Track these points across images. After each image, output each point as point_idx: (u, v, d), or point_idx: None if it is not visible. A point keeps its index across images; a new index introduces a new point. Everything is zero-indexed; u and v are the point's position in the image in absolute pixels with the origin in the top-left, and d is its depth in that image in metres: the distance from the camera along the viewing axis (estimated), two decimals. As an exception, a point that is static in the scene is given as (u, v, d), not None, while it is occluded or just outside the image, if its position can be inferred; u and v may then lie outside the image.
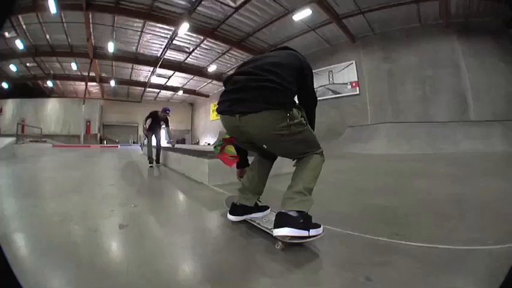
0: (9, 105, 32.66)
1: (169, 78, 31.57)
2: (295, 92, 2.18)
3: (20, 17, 18.47)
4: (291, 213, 1.85)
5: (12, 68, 27.32)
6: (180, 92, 35.81)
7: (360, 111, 16.20)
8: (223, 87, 2.27)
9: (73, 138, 32.99)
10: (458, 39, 13.32)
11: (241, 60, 22.90)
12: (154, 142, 8.91)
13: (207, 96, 38.12)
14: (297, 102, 2.14)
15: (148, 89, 34.57)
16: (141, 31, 20.78)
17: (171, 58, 25.72)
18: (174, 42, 21.79)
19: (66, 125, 33.91)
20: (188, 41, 21.92)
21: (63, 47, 23.96)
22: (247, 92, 1.98)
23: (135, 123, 39.31)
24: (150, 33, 21.14)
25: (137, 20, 19.36)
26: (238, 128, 2.08)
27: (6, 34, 20.81)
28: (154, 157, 8.77)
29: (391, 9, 13.89)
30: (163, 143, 9.42)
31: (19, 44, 21.70)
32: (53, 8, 15.81)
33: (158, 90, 36.17)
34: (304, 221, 1.85)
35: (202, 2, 16.07)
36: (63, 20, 19.60)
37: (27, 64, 27.35)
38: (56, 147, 22.40)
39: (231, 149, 2.63)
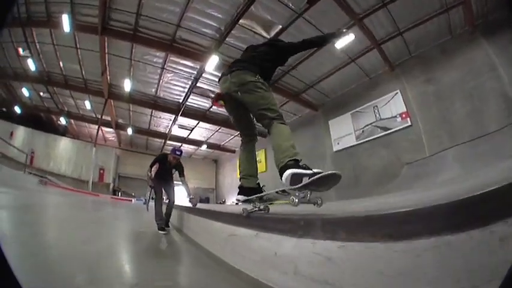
0: (21, 131, 30.40)
1: (192, 131, 28.94)
2: (270, 66, 3.32)
3: (34, 33, 17.99)
4: (289, 163, 2.50)
5: (25, 92, 26.57)
6: (204, 147, 33.26)
7: (415, 144, 15.07)
8: None
9: (81, 183, 29.61)
10: (487, 40, 12.72)
11: None
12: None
13: (232, 151, 34.67)
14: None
15: (168, 142, 31.32)
16: (162, 67, 18.56)
17: (195, 105, 23.50)
18: (199, 84, 19.67)
19: (77, 168, 31.36)
20: (214, 84, 19.09)
21: (76, 81, 22.55)
22: (237, 63, 3.22)
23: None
24: (171, 71, 18.96)
25: (157, 54, 17.42)
26: (228, 82, 3.04)
27: (21, 51, 19.99)
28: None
29: (425, 25, 13.45)
30: (178, 197, 7.76)
31: (31, 65, 20.82)
32: (66, 26, 15.08)
33: (180, 144, 32.30)
34: (302, 166, 2.46)
35: (232, 32, 14.52)
36: (77, 46, 18.13)
37: (41, 94, 26.68)
38: (50, 185, 20.86)
39: (222, 102, 3.29)
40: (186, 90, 21.11)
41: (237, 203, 4.03)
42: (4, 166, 13.90)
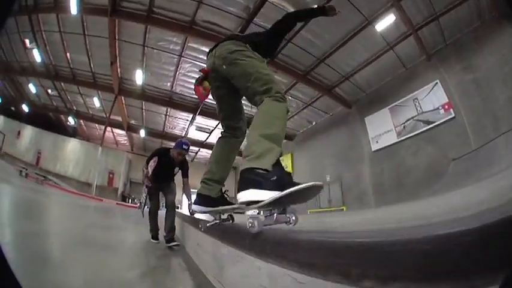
0: (28, 131, 30.94)
1: (210, 133, 26.83)
2: (262, 41, 2.70)
3: (40, 21, 17.53)
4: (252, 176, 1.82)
5: (32, 88, 26.10)
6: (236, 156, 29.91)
7: (460, 136, 14.33)
8: None
9: (88, 186, 28.50)
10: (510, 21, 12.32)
11: (304, 104, 20.42)
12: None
13: None
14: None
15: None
16: (180, 55, 16.99)
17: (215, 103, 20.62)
18: None
19: (85, 170, 30.54)
20: None
21: (85, 75, 21.58)
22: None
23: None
24: (190, 60, 17.44)
25: (174, 40, 15.97)
26: (212, 57, 2.51)
27: (28, 43, 19.68)
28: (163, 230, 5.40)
29: (456, 10, 13.06)
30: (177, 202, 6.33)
31: (37, 56, 20.32)
32: (74, 8, 14.55)
33: (197, 149, 31.43)
34: (277, 179, 1.73)
35: (262, 10, 13.19)
36: (86, 32, 17.17)
37: (49, 91, 26.17)
38: (48, 185, 20.39)
39: (207, 83, 2.74)
40: None
41: (191, 214, 3.72)
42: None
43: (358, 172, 17.82)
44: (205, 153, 32.42)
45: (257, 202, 1.65)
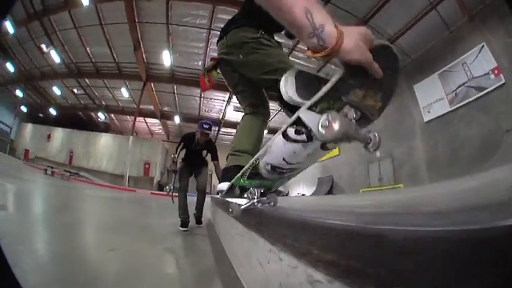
0: (58, 133, 32.91)
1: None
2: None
3: (53, 23, 17.48)
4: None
5: (56, 90, 26.47)
6: (264, 133, 28.36)
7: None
8: None
9: (120, 178, 28.85)
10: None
11: None
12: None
13: None
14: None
15: (223, 130, 29.21)
16: (208, 29, 15.86)
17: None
18: None
19: (120, 163, 30.41)
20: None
21: (109, 67, 21.16)
22: (234, 21, 2.40)
23: (208, 171, 34.80)
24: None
25: (200, 13, 14.87)
26: (224, 46, 2.34)
27: (44, 48, 19.52)
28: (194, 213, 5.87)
29: None
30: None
31: (55, 57, 20.27)
32: None
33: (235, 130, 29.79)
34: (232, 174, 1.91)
35: None
36: (102, 21, 16.58)
37: (75, 90, 26.30)
38: (75, 180, 21.53)
39: (215, 74, 2.72)
40: None
41: (218, 194, 2.81)
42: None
43: (410, 146, 16.57)
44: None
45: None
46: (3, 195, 5.52)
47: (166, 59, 18.10)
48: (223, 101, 23.79)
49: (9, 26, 17.45)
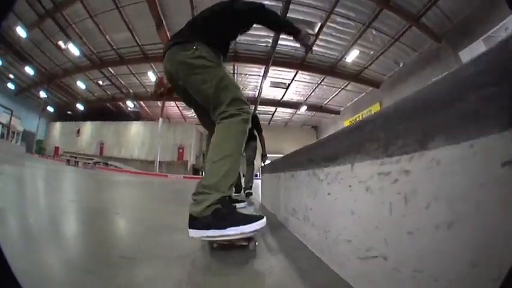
0: (88, 127, 35.36)
1: (288, 87, 24.78)
2: (221, 31, 2.34)
3: (66, 17, 17.29)
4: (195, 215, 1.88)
5: (81, 85, 26.63)
6: (303, 109, 29.02)
7: None
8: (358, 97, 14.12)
9: (151, 164, 29.53)
10: None
11: (390, 39, 17.30)
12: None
13: (337, 112, 30.00)
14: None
15: (259, 108, 28.23)
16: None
17: (288, 48, 19.05)
18: (290, 14, 15.23)
19: (152, 149, 31.00)
20: (313, 7, 15.36)
21: (132, 52, 20.64)
22: (176, 36, 2.37)
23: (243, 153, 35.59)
24: None
25: None
26: (165, 67, 2.26)
27: (61, 44, 19.61)
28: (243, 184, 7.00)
29: None
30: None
31: (75, 50, 20.15)
32: None
33: (273, 109, 30.08)
34: (215, 220, 1.84)
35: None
36: (118, 4, 16.01)
37: (100, 82, 26.31)
38: (100, 168, 22.44)
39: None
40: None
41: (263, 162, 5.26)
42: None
43: None
44: (283, 112, 31.26)
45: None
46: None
47: (192, 33, 16.85)
48: (259, 76, 22.53)
49: (20, 31, 17.50)
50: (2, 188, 4.19)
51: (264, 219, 1.91)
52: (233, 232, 1.81)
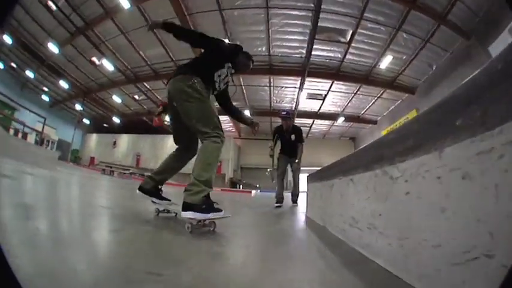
0: (124, 139, 36.71)
1: (324, 98, 23.98)
2: (210, 71, 3.12)
3: (97, 33, 17.69)
4: (193, 202, 2.67)
5: (116, 99, 27.00)
6: (340, 120, 28.28)
7: None
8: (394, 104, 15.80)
9: (187, 176, 28.63)
10: None
11: (421, 41, 16.71)
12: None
13: (374, 122, 29.01)
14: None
15: (297, 121, 25.51)
16: (266, 7, 14.70)
17: (323, 57, 18.47)
18: (321, 24, 15.13)
19: (189, 163, 30.36)
20: (342, 14, 15.10)
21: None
22: (180, 67, 3.22)
23: None
24: (280, 12, 15.09)
25: None
26: (167, 92, 3.03)
27: (96, 60, 20.28)
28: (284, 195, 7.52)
29: None
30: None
31: (108, 65, 20.37)
32: (125, 2, 14.48)
33: (311, 121, 29.42)
34: (205, 207, 2.67)
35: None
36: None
37: (136, 97, 26.71)
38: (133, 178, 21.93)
39: (163, 116, 3.80)
40: (306, 37, 16.70)
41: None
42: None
43: None
44: (320, 124, 30.67)
45: (193, 218, 2.61)
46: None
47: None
48: (295, 88, 21.96)
49: (53, 47, 18.12)
50: (22, 187, 4.13)
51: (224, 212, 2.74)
52: (211, 216, 2.63)
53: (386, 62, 18.23)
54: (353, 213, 2.38)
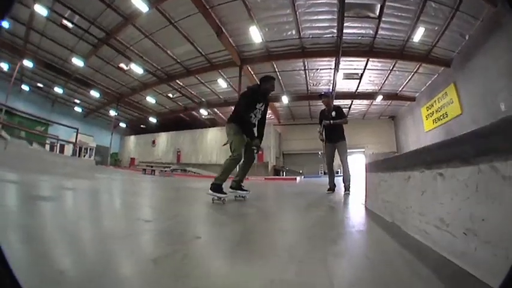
0: (163, 137, 37.84)
1: (361, 77, 22.98)
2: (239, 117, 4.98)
3: (121, 40, 17.88)
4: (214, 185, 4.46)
5: (151, 99, 28.27)
6: (379, 98, 27.14)
7: None
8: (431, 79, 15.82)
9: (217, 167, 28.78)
10: None
11: (451, 9, 15.72)
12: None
13: (412, 99, 27.80)
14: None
15: (335, 102, 25.33)
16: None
17: (354, 36, 17.62)
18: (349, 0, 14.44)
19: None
20: None
21: (197, 62, 20.43)
22: None
23: None
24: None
25: None
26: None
27: (124, 66, 20.69)
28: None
29: None
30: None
31: (138, 69, 20.67)
32: (143, 6, 14.27)
33: (349, 102, 28.67)
34: (214, 188, 4.40)
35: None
36: (172, 20, 15.99)
37: (170, 95, 26.82)
38: (175, 175, 23.08)
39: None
40: (335, 16, 15.82)
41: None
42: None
43: None
44: (359, 104, 29.84)
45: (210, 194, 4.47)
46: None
47: (255, 36, 16.26)
48: (330, 69, 21.02)
49: (77, 61, 18.86)
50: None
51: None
52: (219, 195, 4.35)
53: (419, 35, 17.30)
54: (442, 213, 1.97)
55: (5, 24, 17.17)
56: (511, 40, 14.15)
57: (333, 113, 6.99)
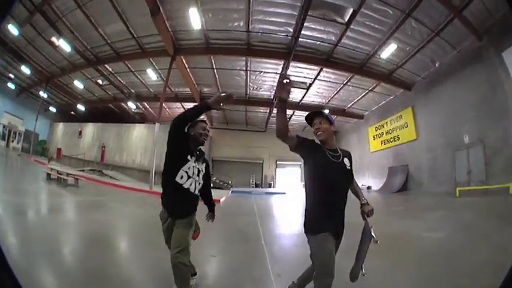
0: (90, 128, 34.71)
1: (309, 88, 22.22)
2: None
3: (54, 8, 16.03)
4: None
5: (78, 84, 26.38)
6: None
7: None
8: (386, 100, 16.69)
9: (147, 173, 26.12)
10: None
11: (430, 32, 15.55)
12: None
13: (360, 117, 28.38)
14: None
15: (274, 110, 24.78)
16: None
17: (313, 39, 16.52)
18: None
19: (158, 157, 28.93)
20: None
21: (129, 47, 18.92)
22: None
23: (259, 160, 36.54)
24: None
25: None
26: None
27: (55, 40, 18.85)
28: None
29: None
30: None
31: (65, 46, 19.18)
32: None
33: (291, 112, 27.67)
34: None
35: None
36: None
37: (99, 81, 25.11)
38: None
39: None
40: (296, 12, 14.54)
41: None
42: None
43: (505, 129, 13.49)
44: (301, 116, 27.85)
45: None
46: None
47: (195, 21, 14.63)
48: (276, 73, 20.24)
49: (12, 28, 17.02)
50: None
51: None
52: None
53: (388, 52, 16.89)
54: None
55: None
56: (491, 74, 14.22)
57: (346, 161, 3.07)
